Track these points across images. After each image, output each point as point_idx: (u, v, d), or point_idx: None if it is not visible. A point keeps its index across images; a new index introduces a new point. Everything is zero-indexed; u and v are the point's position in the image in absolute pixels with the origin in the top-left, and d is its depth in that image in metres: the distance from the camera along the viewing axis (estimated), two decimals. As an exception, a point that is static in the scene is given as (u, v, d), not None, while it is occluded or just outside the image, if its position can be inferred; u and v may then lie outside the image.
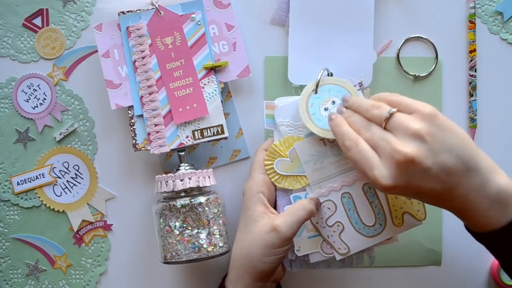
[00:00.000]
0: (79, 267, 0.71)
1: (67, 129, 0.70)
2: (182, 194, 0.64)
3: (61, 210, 0.71)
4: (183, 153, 0.67)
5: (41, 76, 0.71)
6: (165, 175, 0.64)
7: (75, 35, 0.70)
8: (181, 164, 0.66)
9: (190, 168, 0.65)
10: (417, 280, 0.71)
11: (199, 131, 0.67)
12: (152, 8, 0.67)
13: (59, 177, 0.71)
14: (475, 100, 0.70)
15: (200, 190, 0.65)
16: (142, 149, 0.67)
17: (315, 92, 0.63)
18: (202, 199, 0.63)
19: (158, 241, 0.65)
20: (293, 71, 0.69)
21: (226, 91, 0.70)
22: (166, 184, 0.64)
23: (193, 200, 0.63)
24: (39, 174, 0.71)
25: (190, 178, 0.63)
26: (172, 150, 0.67)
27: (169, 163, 0.70)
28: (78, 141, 0.71)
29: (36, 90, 0.71)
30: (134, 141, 0.67)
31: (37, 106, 0.71)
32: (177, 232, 0.63)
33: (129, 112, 0.67)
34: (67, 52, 0.71)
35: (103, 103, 0.69)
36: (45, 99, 0.71)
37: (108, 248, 0.71)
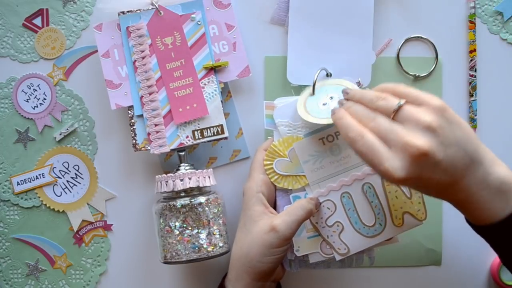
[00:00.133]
0: (79, 267, 0.71)
1: (67, 129, 0.70)
2: (182, 194, 0.64)
3: (61, 210, 0.71)
4: (183, 153, 0.67)
5: (41, 76, 0.71)
6: (165, 175, 0.64)
7: (75, 35, 0.70)
8: (181, 164, 0.66)
9: (190, 168, 0.65)
10: (417, 280, 0.71)
11: (199, 131, 0.67)
12: (152, 8, 0.67)
13: (59, 177, 0.71)
14: (475, 100, 0.70)
15: (200, 190, 0.65)
16: (142, 149, 0.67)
17: (312, 93, 0.63)
18: (202, 199, 0.63)
19: (158, 241, 0.65)
20: (292, 71, 0.69)
21: (226, 91, 0.70)
22: (166, 184, 0.64)
23: (193, 200, 0.63)
24: (39, 174, 0.71)
25: (190, 178, 0.63)
26: (172, 150, 0.67)
27: (169, 163, 0.70)
28: (78, 141, 0.71)
29: (36, 90, 0.71)
30: (134, 141, 0.67)
31: (37, 106, 0.71)
32: (177, 232, 0.63)
33: (129, 112, 0.67)
34: (67, 52, 0.71)
35: (103, 103, 0.69)
36: (45, 99, 0.71)
37: (108, 248, 0.71)
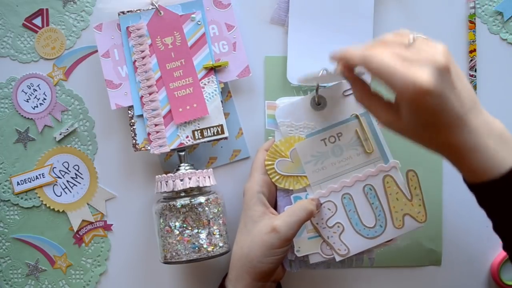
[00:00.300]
0: (79, 267, 0.71)
1: (67, 129, 0.70)
2: (182, 194, 0.64)
3: (61, 210, 0.71)
4: (183, 153, 0.66)
5: (41, 76, 0.71)
6: (165, 175, 0.64)
7: (75, 35, 0.70)
8: (181, 164, 0.66)
9: (190, 168, 0.65)
10: (417, 280, 0.71)
11: (199, 131, 0.67)
12: (152, 8, 0.67)
13: (59, 177, 0.71)
14: (475, 100, 0.70)
15: (200, 190, 0.65)
16: (142, 149, 0.67)
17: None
18: (202, 199, 0.63)
19: (158, 241, 0.65)
20: (292, 71, 0.69)
21: (226, 91, 0.70)
22: (166, 184, 0.64)
23: (193, 200, 0.63)
24: (39, 174, 0.71)
25: (190, 178, 0.63)
26: (172, 150, 0.66)
27: (169, 163, 0.70)
28: (78, 141, 0.71)
29: (36, 90, 0.70)
30: (134, 141, 0.67)
31: (37, 106, 0.70)
32: (177, 232, 0.63)
33: (129, 112, 0.67)
34: (67, 52, 0.71)
35: (103, 103, 0.69)
36: (45, 99, 0.70)
37: (108, 248, 0.71)
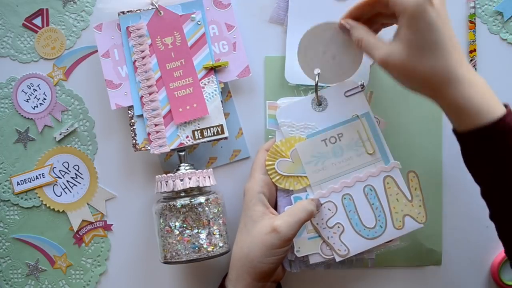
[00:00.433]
0: (79, 267, 0.71)
1: (67, 129, 0.70)
2: (182, 194, 0.64)
3: (61, 210, 0.71)
4: (183, 153, 0.66)
5: (41, 76, 0.70)
6: (165, 175, 0.64)
7: (75, 35, 0.70)
8: (181, 164, 0.66)
9: (190, 168, 0.65)
10: (417, 280, 0.71)
11: (199, 131, 0.67)
12: (152, 8, 0.67)
13: (59, 177, 0.71)
14: (475, 100, 0.70)
15: (200, 190, 0.65)
16: (142, 149, 0.67)
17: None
18: (202, 199, 0.63)
19: (158, 241, 0.65)
20: (290, 71, 0.68)
21: (226, 91, 0.70)
22: (166, 184, 0.64)
23: (193, 200, 0.63)
24: (39, 174, 0.71)
25: (190, 178, 0.63)
26: (172, 150, 0.66)
27: (169, 163, 0.70)
28: (78, 141, 0.71)
29: (36, 90, 0.70)
30: (134, 141, 0.67)
31: (37, 106, 0.70)
32: (177, 232, 0.63)
33: (129, 112, 0.67)
34: (67, 52, 0.70)
35: (103, 103, 0.69)
36: (45, 99, 0.70)
37: (108, 248, 0.71)
